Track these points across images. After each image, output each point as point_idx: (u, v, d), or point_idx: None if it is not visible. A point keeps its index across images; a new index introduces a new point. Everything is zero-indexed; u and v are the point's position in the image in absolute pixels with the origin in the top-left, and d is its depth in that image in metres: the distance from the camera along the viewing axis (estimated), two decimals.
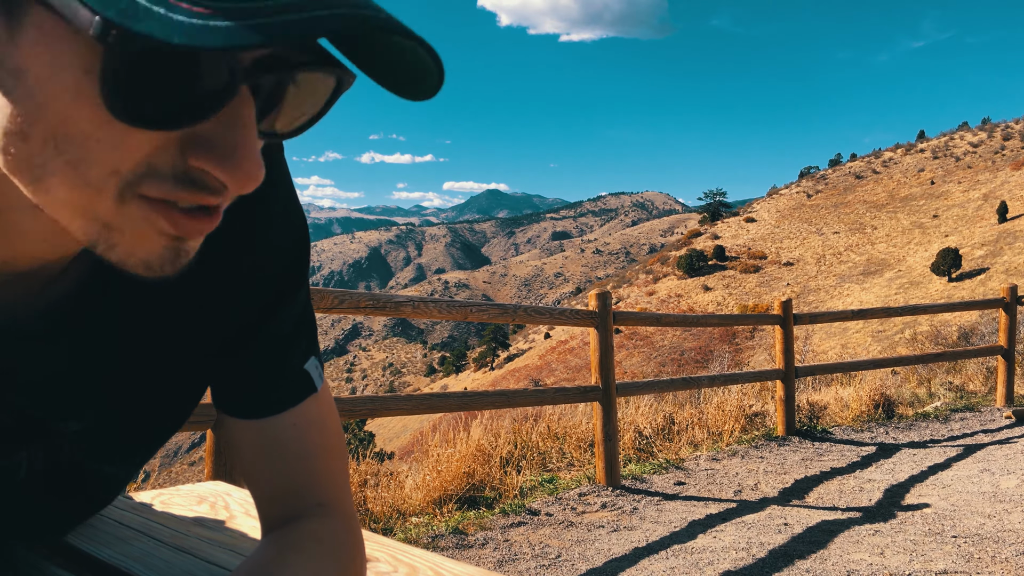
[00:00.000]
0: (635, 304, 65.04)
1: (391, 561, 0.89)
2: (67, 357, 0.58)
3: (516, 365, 64.13)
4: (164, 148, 0.40)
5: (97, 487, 0.71)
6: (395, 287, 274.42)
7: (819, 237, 79.96)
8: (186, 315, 0.62)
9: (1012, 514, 3.96)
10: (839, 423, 6.84)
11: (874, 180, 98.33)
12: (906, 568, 3.21)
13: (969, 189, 78.92)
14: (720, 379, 5.92)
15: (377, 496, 4.05)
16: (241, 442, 0.70)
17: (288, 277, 0.67)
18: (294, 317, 0.69)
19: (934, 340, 14.56)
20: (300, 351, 0.70)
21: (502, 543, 3.61)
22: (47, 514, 0.71)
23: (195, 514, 1.05)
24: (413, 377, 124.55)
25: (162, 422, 0.68)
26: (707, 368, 37.15)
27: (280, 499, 0.70)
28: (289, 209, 0.66)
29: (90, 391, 0.61)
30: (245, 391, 0.68)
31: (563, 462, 5.30)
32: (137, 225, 0.42)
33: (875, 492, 4.56)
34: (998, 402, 7.78)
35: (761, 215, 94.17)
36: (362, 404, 3.57)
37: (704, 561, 3.37)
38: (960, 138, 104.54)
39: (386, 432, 44.99)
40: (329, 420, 0.72)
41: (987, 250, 56.13)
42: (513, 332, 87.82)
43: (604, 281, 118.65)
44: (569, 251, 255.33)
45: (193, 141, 0.41)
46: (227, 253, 0.62)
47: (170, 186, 0.41)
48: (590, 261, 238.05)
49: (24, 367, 0.57)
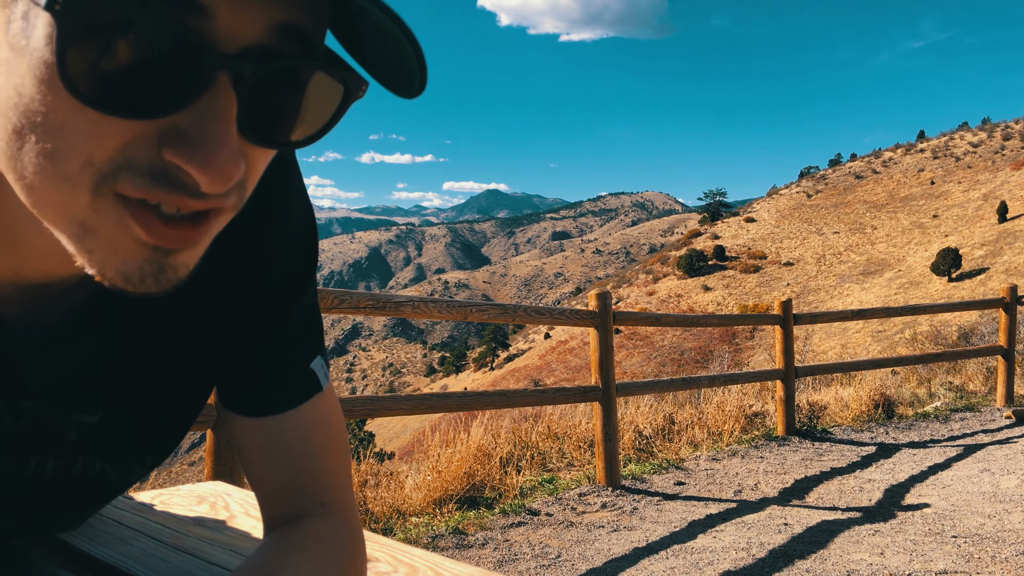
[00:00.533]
0: (635, 304, 65.04)
1: (391, 561, 0.89)
2: (83, 359, 0.59)
3: (516, 365, 64.13)
4: (140, 140, 0.38)
5: (103, 490, 0.71)
6: (395, 287, 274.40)
7: (819, 237, 79.96)
8: (199, 312, 0.63)
9: (1012, 514, 3.96)
10: (839, 423, 6.84)
11: (874, 180, 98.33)
12: (906, 568, 3.21)
13: (969, 189, 78.92)
14: (720, 379, 5.92)
15: (377, 496, 4.05)
16: (245, 440, 0.70)
17: (298, 275, 0.67)
18: (302, 316, 0.69)
19: (934, 340, 14.56)
20: (306, 350, 0.70)
21: (502, 543, 3.61)
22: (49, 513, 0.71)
23: (195, 514, 1.05)
24: (413, 377, 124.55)
25: (174, 421, 0.69)
26: (707, 368, 37.15)
27: (283, 498, 0.70)
28: (302, 209, 0.66)
29: (103, 389, 0.61)
30: (251, 389, 0.69)
31: (563, 462, 5.30)
32: (113, 228, 0.40)
33: (875, 492, 4.56)
34: (998, 402, 7.78)
35: (761, 215, 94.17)
36: (362, 404, 3.56)
37: (704, 561, 3.37)
38: (960, 138, 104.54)
39: (386, 432, 44.98)
40: (333, 420, 0.72)
41: (987, 250, 56.13)
42: (513, 332, 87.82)
43: (604, 281, 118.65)
44: (569, 251, 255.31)
45: (170, 134, 0.38)
46: (241, 251, 0.62)
47: (146, 182, 0.38)
48: (590, 261, 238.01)
49: (40, 371, 0.57)
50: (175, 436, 0.70)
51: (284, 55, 0.40)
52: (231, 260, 0.62)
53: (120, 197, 0.39)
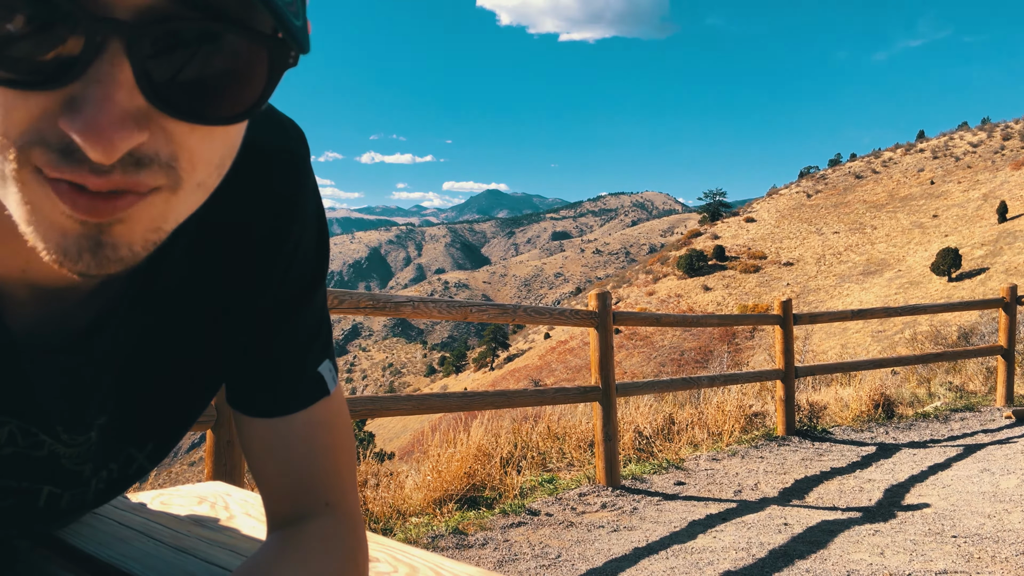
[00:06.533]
0: (635, 304, 65.03)
1: (391, 561, 0.89)
2: (99, 364, 0.59)
3: (516, 365, 64.12)
4: (47, 114, 0.38)
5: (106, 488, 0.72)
6: (395, 287, 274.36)
7: (819, 237, 79.96)
8: (212, 313, 0.64)
9: (1012, 514, 3.96)
10: (839, 423, 6.84)
11: (874, 180, 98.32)
12: (906, 568, 3.21)
13: (969, 189, 78.91)
14: (720, 379, 5.92)
15: (377, 496, 4.05)
16: (252, 439, 0.71)
17: (310, 279, 0.68)
18: (312, 319, 0.70)
19: (934, 340, 14.55)
20: (315, 353, 0.71)
21: (502, 543, 3.61)
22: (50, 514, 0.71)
23: (195, 514, 1.05)
24: (413, 377, 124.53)
25: (178, 420, 0.69)
26: (707, 368, 37.14)
27: (287, 498, 0.71)
28: (317, 215, 0.67)
29: (115, 388, 0.62)
30: (259, 390, 0.69)
31: (563, 462, 5.30)
32: (43, 202, 0.40)
33: (875, 492, 4.56)
34: (998, 402, 7.78)
35: (761, 215, 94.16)
36: (362, 404, 3.57)
37: (704, 561, 3.37)
38: (960, 138, 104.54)
39: (386, 432, 44.97)
40: (340, 423, 0.73)
41: (987, 250, 56.12)
42: (513, 332, 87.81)
43: (604, 281, 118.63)
44: (569, 251, 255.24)
45: (66, 104, 0.38)
46: (256, 254, 0.63)
47: (56, 158, 0.38)
48: (590, 261, 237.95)
49: (52, 378, 0.57)
50: (177, 435, 0.70)
51: (181, 19, 0.38)
52: (245, 262, 0.63)
53: (42, 174, 0.39)
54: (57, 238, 0.40)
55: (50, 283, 0.53)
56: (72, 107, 0.37)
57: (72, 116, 0.37)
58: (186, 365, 0.65)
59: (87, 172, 0.38)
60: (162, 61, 0.39)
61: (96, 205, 0.40)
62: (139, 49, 0.38)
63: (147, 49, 0.38)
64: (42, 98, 0.38)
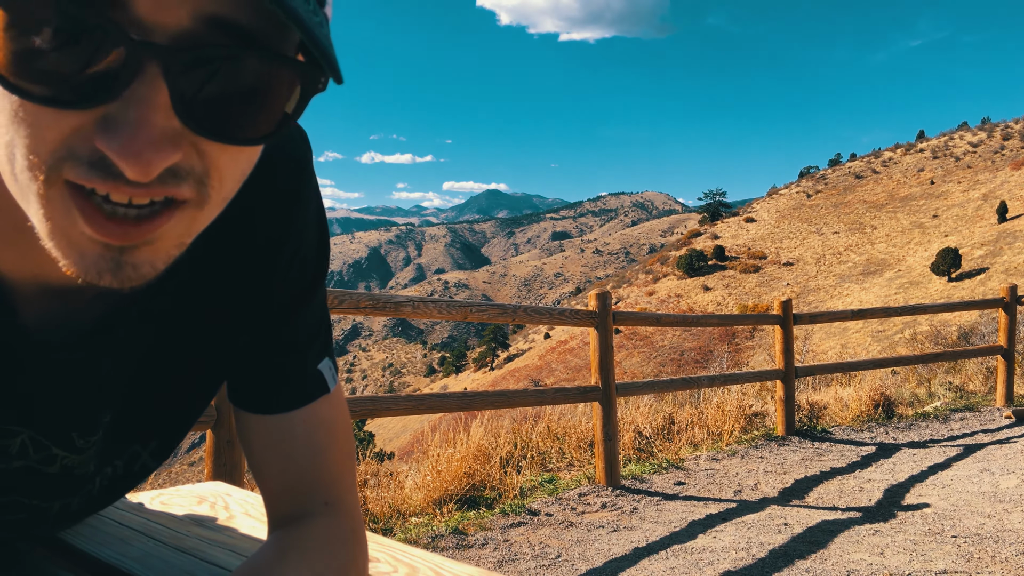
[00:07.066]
0: (635, 304, 65.03)
1: (391, 561, 0.89)
2: (105, 362, 0.60)
3: (516, 365, 64.12)
4: (80, 131, 0.39)
5: (109, 488, 0.72)
6: (395, 287, 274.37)
7: (819, 237, 79.96)
8: (214, 312, 0.64)
9: (1012, 514, 3.96)
10: (839, 423, 6.84)
11: (874, 180, 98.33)
12: (906, 568, 3.21)
13: (969, 189, 78.91)
14: (720, 379, 5.92)
15: (377, 496, 4.05)
16: (252, 436, 0.71)
17: (311, 278, 0.69)
18: (312, 317, 0.71)
19: (934, 340, 14.56)
20: (315, 351, 0.71)
21: (502, 543, 3.61)
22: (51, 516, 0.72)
23: (195, 514, 1.05)
24: (413, 377, 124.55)
25: (180, 420, 0.70)
26: (707, 368, 37.15)
27: (287, 496, 0.71)
28: (319, 215, 0.68)
29: (120, 385, 0.62)
30: (260, 387, 0.70)
31: (563, 462, 5.30)
32: (64, 220, 0.41)
33: (875, 492, 4.56)
34: (998, 402, 7.78)
35: (761, 215, 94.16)
36: (362, 404, 3.57)
37: (704, 561, 3.37)
38: (960, 138, 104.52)
39: (386, 432, 44.97)
40: (339, 421, 0.73)
41: (987, 250, 56.12)
42: (513, 332, 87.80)
43: (604, 281, 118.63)
44: (569, 251, 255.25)
45: (102, 123, 0.39)
46: (258, 252, 0.64)
47: (85, 171, 0.39)
48: (590, 261, 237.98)
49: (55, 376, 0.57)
50: (180, 431, 0.71)
51: (216, 46, 0.40)
52: (247, 262, 0.64)
53: (68, 187, 0.40)
54: (77, 257, 0.42)
55: (60, 284, 0.53)
56: (108, 127, 0.39)
57: (109, 136, 0.38)
58: (189, 362, 0.65)
59: (122, 184, 0.40)
60: (196, 84, 0.40)
61: (127, 231, 0.41)
62: (175, 72, 0.39)
63: (182, 72, 0.39)
64: (75, 117, 0.39)
